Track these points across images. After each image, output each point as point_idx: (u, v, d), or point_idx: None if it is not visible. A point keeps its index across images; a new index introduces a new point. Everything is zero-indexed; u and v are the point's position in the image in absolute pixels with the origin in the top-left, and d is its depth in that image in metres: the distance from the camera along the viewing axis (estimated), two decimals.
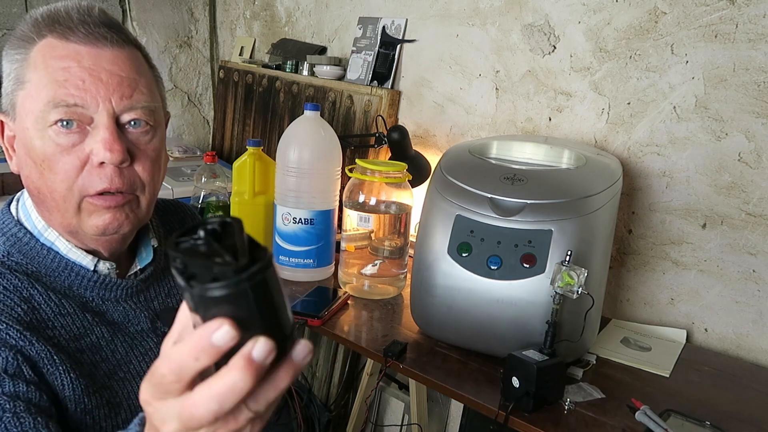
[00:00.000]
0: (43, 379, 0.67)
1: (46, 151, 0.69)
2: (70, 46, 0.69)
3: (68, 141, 0.69)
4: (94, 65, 0.69)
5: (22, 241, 0.74)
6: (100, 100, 0.69)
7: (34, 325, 0.69)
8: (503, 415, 0.98)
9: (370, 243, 1.40)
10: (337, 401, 2.03)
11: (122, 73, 0.71)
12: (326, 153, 1.42)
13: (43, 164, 0.70)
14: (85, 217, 0.72)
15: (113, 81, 0.70)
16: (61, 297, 0.73)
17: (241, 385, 0.39)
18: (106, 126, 0.69)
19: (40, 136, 0.69)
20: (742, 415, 1.04)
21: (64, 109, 0.68)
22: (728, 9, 1.24)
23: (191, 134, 2.62)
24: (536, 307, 1.05)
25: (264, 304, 0.39)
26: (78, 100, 0.68)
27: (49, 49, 0.69)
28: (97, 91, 0.69)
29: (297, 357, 0.42)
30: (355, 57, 1.95)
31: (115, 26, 0.73)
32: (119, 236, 0.76)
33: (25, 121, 0.70)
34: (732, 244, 1.29)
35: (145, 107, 0.72)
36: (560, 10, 1.49)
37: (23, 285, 0.71)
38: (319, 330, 1.25)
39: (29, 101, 0.70)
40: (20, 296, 0.70)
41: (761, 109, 1.22)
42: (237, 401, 0.39)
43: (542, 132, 1.57)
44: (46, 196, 0.72)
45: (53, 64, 0.69)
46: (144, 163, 0.74)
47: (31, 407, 0.62)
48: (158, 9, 2.42)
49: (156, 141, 0.75)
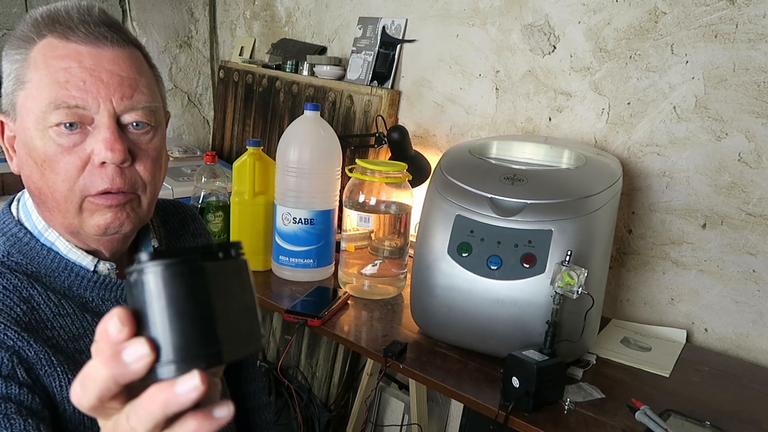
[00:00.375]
0: (38, 381, 0.67)
1: (47, 152, 0.69)
2: (70, 45, 0.69)
3: (69, 141, 0.69)
4: (95, 65, 0.69)
5: (22, 241, 0.74)
6: (101, 101, 0.69)
7: (33, 325, 0.69)
8: (503, 415, 0.98)
9: (370, 243, 1.40)
10: (337, 401, 2.03)
11: (123, 72, 0.71)
12: (326, 153, 1.42)
13: (44, 164, 0.70)
14: (86, 216, 0.72)
15: (114, 81, 0.70)
16: (60, 297, 0.73)
17: (95, 373, 0.38)
18: (107, 126, 0.69)
19: (41, 136, 0.69)
20: (742, 415, 1.04)
21: (66, 110, 0.68)
22: (728, 9, 1.24)
23: (191, 134, 2.62)
24: (536, 307, 1.05)
25: (161, 304, 0.37)
26: (79, 101, 0.68)
27: (49, 49, 0.69)
28: (98, 91, 0.69)
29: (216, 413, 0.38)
30: (355, 57, 1.95)
31: (116, 26, 0.73)
32: (120, 236, 0.76)
33: (25, 122, 0.70)
34: (732, 244, 1.29)
35: (146, 107, 0.72)
36: (560, 10, 1.49)
37: (23, 285, 0.71)
38: (319, 330, 1.25)
39: (30, 101, 0.70)
40: (20, 296, 0.70)
41: (761, 109, 1.22)
42: (99, 392, 0.38)
43: (542, 132, 1.57)
44: (47, 196, 0.72)
45: (54, 64, 0.69)
46: (145, 163, 0.74)
47: (23, 410, 0.62)
48: (158, 9, 2.42)
49: (157, 140, 0.75)
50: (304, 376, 2.13)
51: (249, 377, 1.10)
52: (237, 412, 1.06)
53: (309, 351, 2.14)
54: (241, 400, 1.08)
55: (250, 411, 1.08)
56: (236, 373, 1.09)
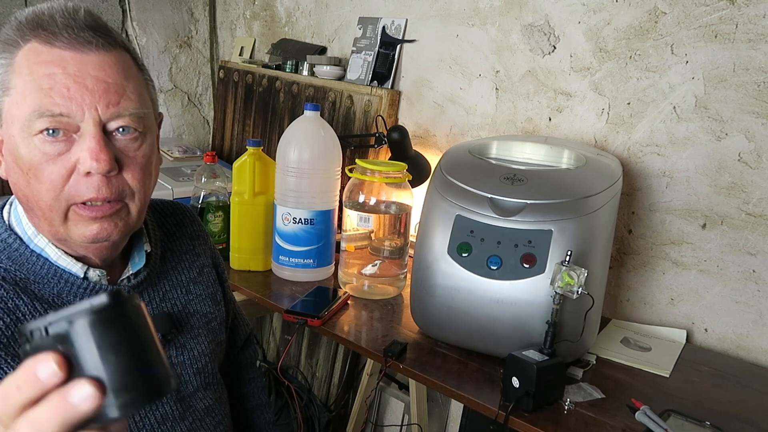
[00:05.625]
0: None
1: (32, 160, 0.68)
2: (54, 51, 0.67)
3: (54, 150, 0.68)
4: (80, 71, 0.67)
5: (11, 247, 0.73)
6: (86, 108, 0.67)
7: (16, 339, 0.68)
8: (503, 415, 0.98)
9: (370, 243, 1.40)
10: (337, 401, 2.03)
11: (109, 79, 0.69)
12: (326, 153, 1.42)
13: (30, 173, 0.69)
14: (71, 225, 0.71)
15: (99, 88, 0.68)
16: (47, 307, 0.72)
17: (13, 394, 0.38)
18: (93, 135, 0.67)
19: (26, 144, 0.68)
20: (742, 415, 1.04)
21: (50, 118, 0.66)
22: (728, 9, 1.24)
23: (191, 134, 2.62)
24: (536, 307, 1.05)
25: (94, 348, 0.38)
26: (63, 109, 0.66)
27: (33, 55, 0.67)
28: (83, 99, 0.67)
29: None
30: (355, 57, 1.95)
31: (101, 29, 0.70)
32: (110, 244, 0.75)
33: (11, 129, 0.69)
34: (732, 244, 1.29)
35: (133, 114, 0.70)
36: (560, 10, 1.49)
37: (8, 295, 0.70)
38: (319, 330, 1.25)
39: (15, 108, 0.68)
40: (5, 307, 0.69)
41: (761, 109, 1.22)
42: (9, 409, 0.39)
43: (542, 132, 1.57)
44: (33, 204, 0.71)
45: (38, 70, 0.67)
46: (133, 171, 0.72)
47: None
48: (158, 9, 2.42)
49: (145, 147, 0.73)
50: (304, 376, 2.13)
51: (248, 377, 1.10)
52: (236, 413, 1.06)
53: (309, 351, 2.14)
54: (241, 400, 1.08)
55: (249, 411, 1.08)
56: (235, 373, 1.09)
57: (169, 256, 0.89)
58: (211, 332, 0.91)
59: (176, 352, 0.84)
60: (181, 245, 0.92)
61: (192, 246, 0.93)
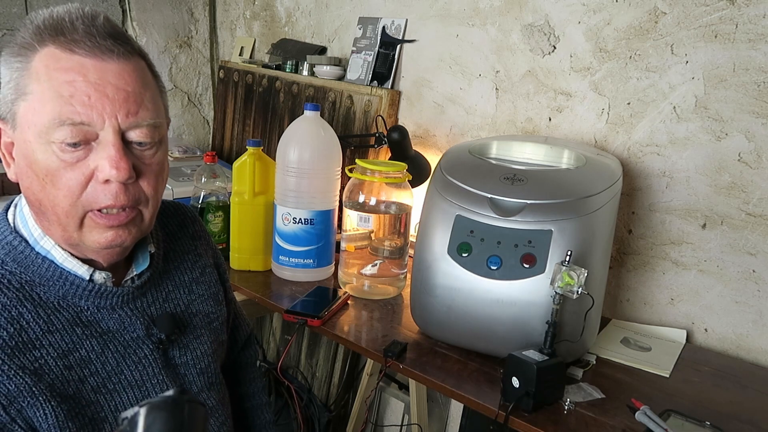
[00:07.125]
0: (21, 414, 0.67)
1: (49, 166, 0.68)
2: (75, 58, 0.67)
3: (73, 157, 0.68)
4: (100, 80, 0.67)
5: (17, 250, 0.73)
6: (106, 117, 0.67)
7: (20, 347, 0.68)
8: (503, 415, 0.98)
9: (370, 243, 1.40)
10: (337, 401, 2.03)
11: (128, 87, 0.69)
12: (326, 153, 1.42)
13: (46, 178, 0.68)
14: (86, 231, 0.71)
15: (119, 97, 0.68)
16: (51, 312, 0.72)
17: None
18: (113, 143, 0.68)
19: (43, 150, 0.68)
20: (742, 415, 1.04)
21: (71, 127, 0.66)
22: (728, 9, 1.24)
23: (191, 134, 2.62)
24: (536, 307, 1.05)
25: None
26: (84, 117, 0.66)
27: (52, 60, 0.67)
28: (103, 107, 0.67)
29: None
30: (355, 57, 1.95)
31: (121, 37, 0.71)
32: (121, 249, 0.76)
33: (26, 133, 0.69)
34: (732, 244, 1.29)
35: (150, 124, 0.71)
36: (560, 10, 1.49)
37: (12, 303, 0.70)
38: (319, 330, 1.25)
39: (32, 114, 0.68)
40: (9, 316, 0.69)
41: (761, 109, 1.22)
42: None
43: (542, 132, 1.57)
44: (47, 209, 0.71)
45: (57, 77, 0.67)
46: (149, 178, 0.73)
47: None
48: (158, 9, 2.42)
49: (160, 154, 0.74)
50: (304, 376, 2.13)
51: (248, 377, 1.10)
52: (236, 412, 1.06)
53: (309, 351, 2.14)
54: (241, 400, 1.08)
55: (249, 411, 1.08)
56: (236, 373, 1.09)
57: (171, 256, 0.89)
58: (214, 332, 0.91)
59: (180, 352, 0.84)
60: (184, 245, 0.92)
61: (194, 246, 0.93)
